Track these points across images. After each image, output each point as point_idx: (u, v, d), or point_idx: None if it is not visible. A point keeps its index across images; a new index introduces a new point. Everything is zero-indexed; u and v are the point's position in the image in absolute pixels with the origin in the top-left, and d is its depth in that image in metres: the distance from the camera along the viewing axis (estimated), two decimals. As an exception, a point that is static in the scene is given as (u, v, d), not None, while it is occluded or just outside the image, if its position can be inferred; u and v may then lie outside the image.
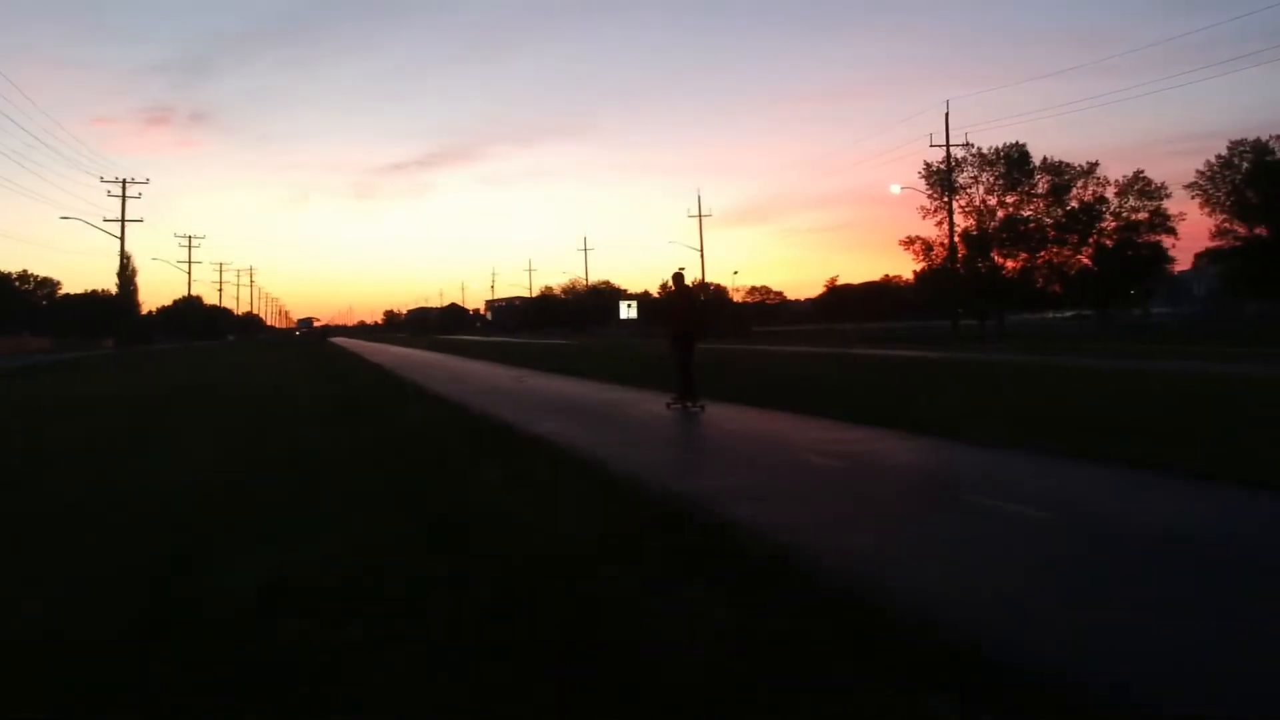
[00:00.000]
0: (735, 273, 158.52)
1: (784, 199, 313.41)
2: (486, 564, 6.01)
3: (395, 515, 7.63)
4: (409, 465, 10.24)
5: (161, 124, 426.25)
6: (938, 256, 78.13)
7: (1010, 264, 77.87)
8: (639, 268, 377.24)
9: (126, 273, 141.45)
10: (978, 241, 76.97)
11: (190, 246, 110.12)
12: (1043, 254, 77.24)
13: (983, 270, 76.71)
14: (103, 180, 70.63)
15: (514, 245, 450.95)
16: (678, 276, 17.23)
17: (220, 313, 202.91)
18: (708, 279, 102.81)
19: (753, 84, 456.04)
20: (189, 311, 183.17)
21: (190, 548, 6.70)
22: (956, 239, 74.83)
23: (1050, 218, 77.02)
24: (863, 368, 28.75)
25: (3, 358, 73.63)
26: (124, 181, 72.17)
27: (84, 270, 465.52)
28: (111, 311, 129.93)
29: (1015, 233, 76.54)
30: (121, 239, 71.89)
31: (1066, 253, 77.46)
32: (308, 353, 62.29)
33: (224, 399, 21.93)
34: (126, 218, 75.18)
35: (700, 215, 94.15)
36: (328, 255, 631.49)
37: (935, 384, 20.51)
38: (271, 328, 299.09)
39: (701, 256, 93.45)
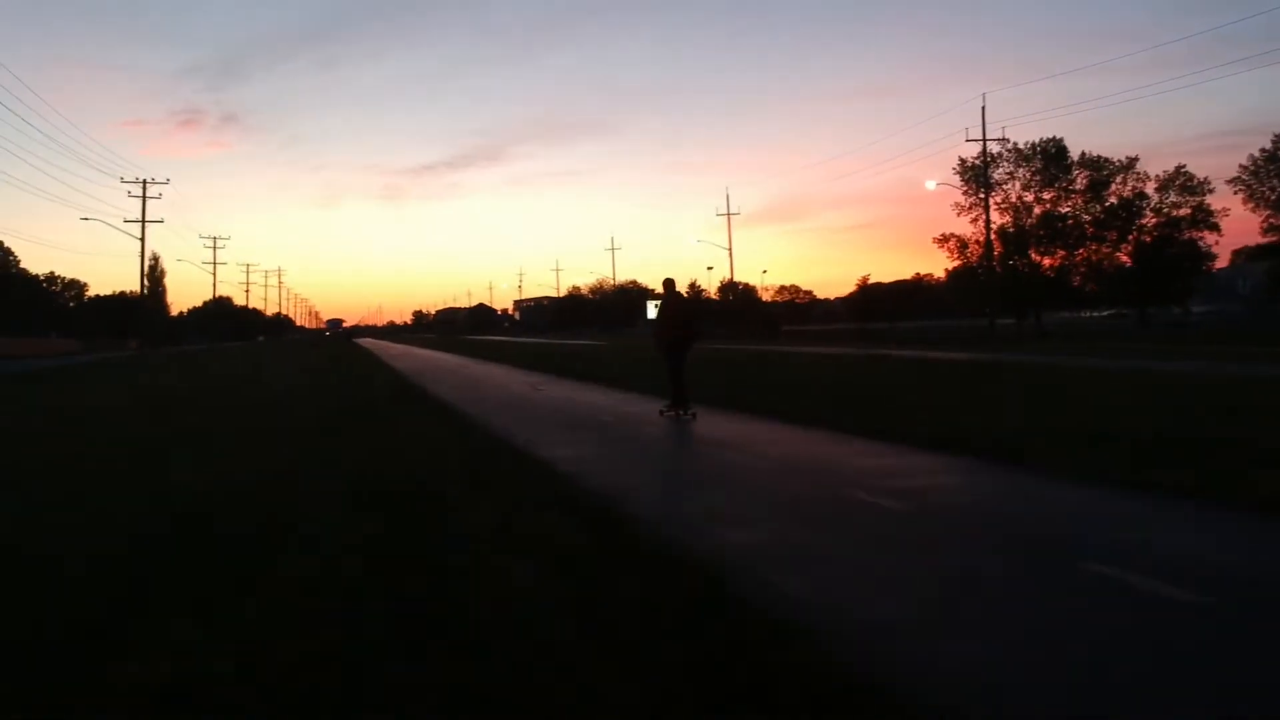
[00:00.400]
0: (764, 272, 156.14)
1: (812, 197, 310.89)
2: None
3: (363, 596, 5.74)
4: (388, 518, 8.35)
5: (193, 126, 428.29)
6: (973, 254, 75.80)
7: (1047, 262, 75.40)
8: (667, 267, 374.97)
9: (155, 274, 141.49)
10: (1015, 239, 74.50)
11: (215, 247, 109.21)
12: (1080, 251, 74.71)
13: (1020, 268, 74.25)
14: (123, 181, 69.68)
15: (542, 245, 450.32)
16: (668, 283, 17.15)
17: (250, 314, 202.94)
18: (736, 278, 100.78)
19: (781, 82, 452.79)
20: (218, 312, 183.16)
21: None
22: (993, 236, 72.45)
23: (1089, 214, 74.45)
24: (904, 372, 26.75)
25: (26, 359, 72.85)
26: (144, 182, 70.96)
27: (108, 272, 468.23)
28: (139, 313, 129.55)
29: (1052, 230, 74.00)
30: (142, 240, 70.71)
31: (1105, 250, 74.84)
32: (329, 354, 60.90)
33: (215, 409, 20.22)
34: (150, 219, 74.06)
35: (729, 214, 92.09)
36: (357, 256, 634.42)
37: (992, 392, 18.47)
38: (301, 328, 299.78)
39: (730, 255, 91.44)
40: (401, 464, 10.91)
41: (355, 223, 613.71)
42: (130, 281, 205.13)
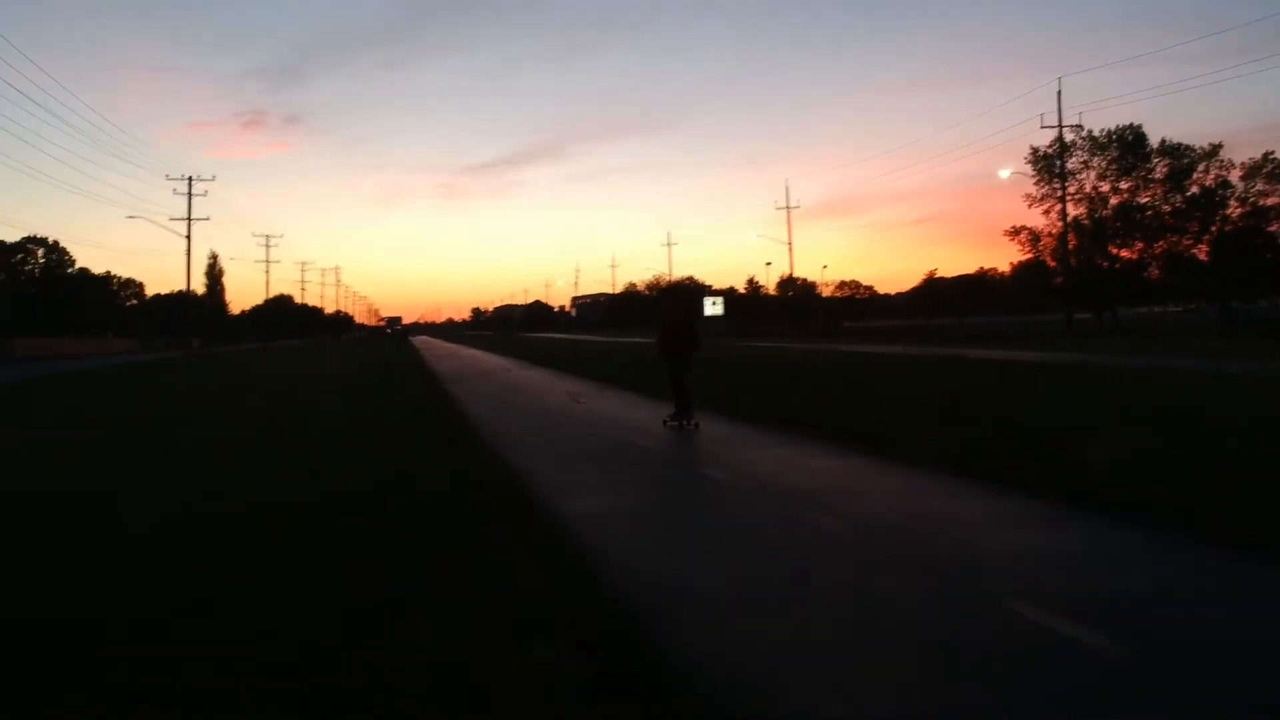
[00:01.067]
0: (824, 267, 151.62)
1: (870, 192, 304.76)
2: None
3: None
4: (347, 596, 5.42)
5: (256, 127, 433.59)
6: (1046, 247, 71.69)
7: (1124, 254, 70.92)
8: (724, 263, 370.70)
9: (214, 272, 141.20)
10: (1093, 231, 70.13)
11: (268, 245, 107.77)
12: (1159, 244, 70.08)
13: (1098, 262, 69.92)
14: (168, 178, 68.00)
15: (599, 241, 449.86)
16: (668, 291, 14.85)
17: (310, 312, 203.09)
18: (795, 274, 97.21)
19: (839, 75, 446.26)
20: (278, 311, 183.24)
21: None
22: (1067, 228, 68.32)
23: (1168, 204, 69.80)
24: (988, 376, 23.33)
25: (84, 359, 71.75)
26: (189, 179, 69.08)
27: (166, 271, 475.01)
28: (199, 311, 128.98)
29: (1129, 221, 69.50)
30: (188, 238, 68.86)
31: (1186, 242, 70.14)
32: (376, 355, 58.70)
33: (218, 422, 17.65)
34: (202, 217, 72.36)
35: (788, 208, 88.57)
36: (417, 254, 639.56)
37: (1117, 406, 14.92)
38: (362, 325, 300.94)
39: (790, 250, 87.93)
40: (363, 528, 7.98)
41: (415, 221, 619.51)
42: (174, 281, 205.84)
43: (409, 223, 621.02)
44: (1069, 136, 68.96)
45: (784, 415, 15.81)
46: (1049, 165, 69.98)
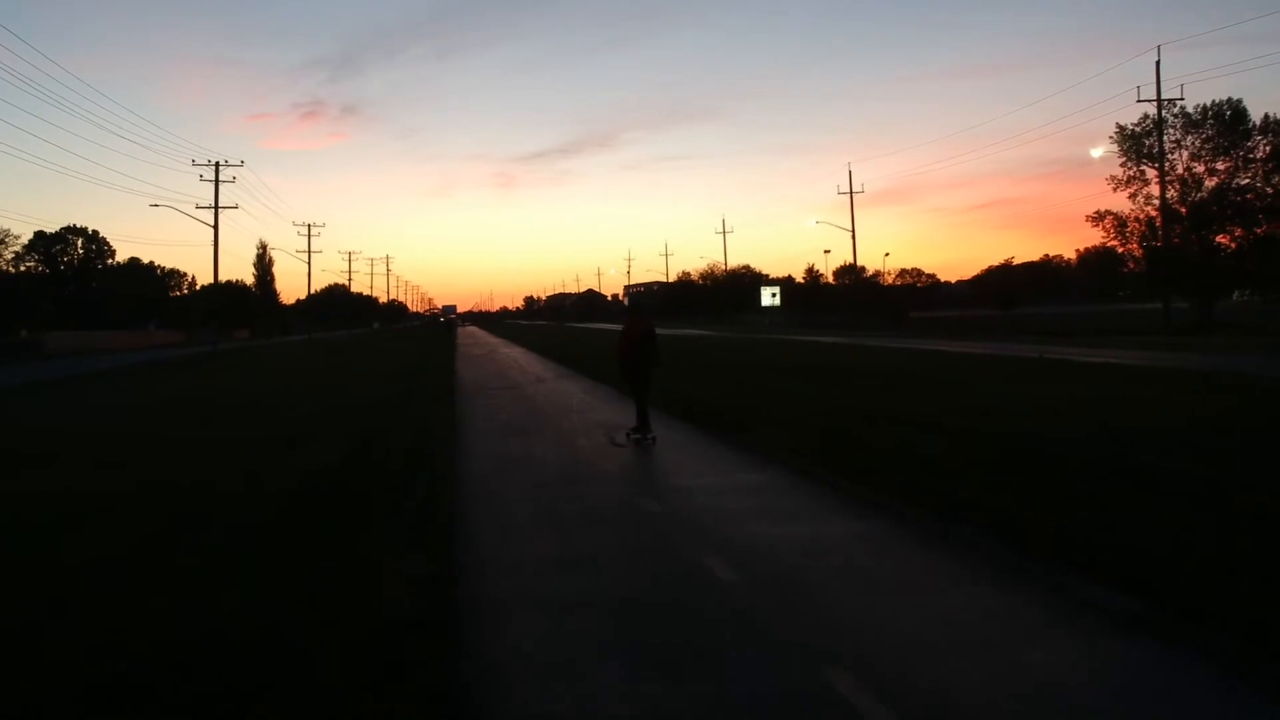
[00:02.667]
0: (886, 255, 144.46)
1: (927, 179, 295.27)
2: None
3: None
4: None
5: (314, 118, 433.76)
6: (1134, 233, 65.26)
7: (1221, 240, 64.23)
8: (779, 251, 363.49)
9: (263, 262, 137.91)
10: (1193, 216, 63.47)
11: (309, 235, 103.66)
12: (1260, 228, 63.24)
13: (1194, 247, 63.33)
14: (194, 163, 63.76)
15: (652, 230, 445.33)
16: (633, 302, 17.04)
17: (364, 301, 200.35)
18: (858, 261, 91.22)
19: (893, 60, 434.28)
20: (330, 301, 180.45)
21: None
22: (1155, 210, 61.88)
23: (1270, 186, 62.92)
24: (1105, 390, 17.54)
25: (122, 353, 68.29)
26: (216, 165, 64.78)
27: (206, 263, 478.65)
28: (247, 302, 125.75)
29: (1227, 204, 62.79)
30: (215, 227, 64.66)
31: (1291, 227, 63.20)
32: (408, 351, 54.14)
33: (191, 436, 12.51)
34: (231, 205, 68.30)
35: (851, 192, 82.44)
36: (471, 242, 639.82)
37: None
38: (416, 314, 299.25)
39: (853, 236, 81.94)
40: None
41: (469, 210, 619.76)
42: (236, 272, 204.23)
43: (463, 211, 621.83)
44: (1155, 112, 62.36)
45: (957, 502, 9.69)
46: (1137, 145, 63.47)
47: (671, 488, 11.45)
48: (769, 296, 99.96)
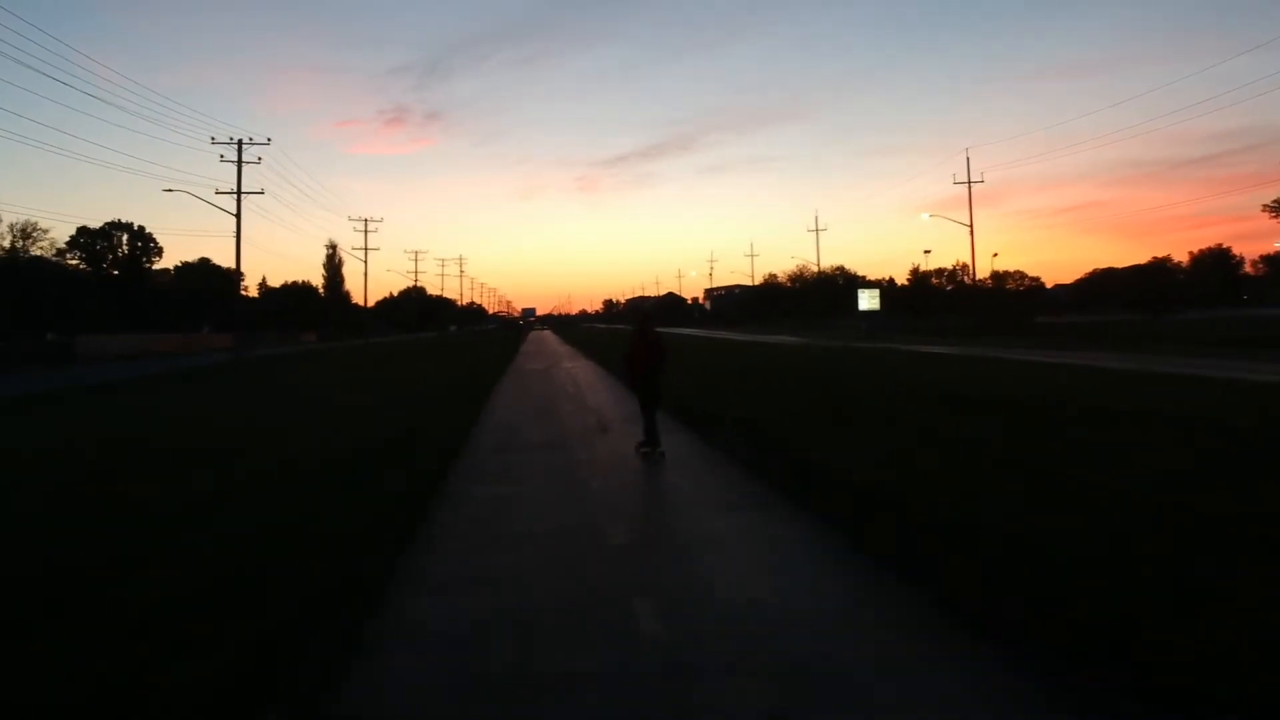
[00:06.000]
0: (995, 255, 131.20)
1: (1016, 179, 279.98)
2: None
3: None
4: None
5: (399, 124, 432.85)
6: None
7: None
8: (864, 255, 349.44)
9: (333, 263, 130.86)
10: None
11: (366, 232, 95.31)
12: None
13: None
14: (213, 142, 55.20)
15: (735, 232, 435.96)
16: (643, 314, 15.50)
17: (441, 303, 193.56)
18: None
19: (980, 59, 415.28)
20: (406, 304, 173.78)
21: None
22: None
23: None
24: None
25: (175, 357, 61.05)
26: (239, 142, 56.32)
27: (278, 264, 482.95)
28: (311, 304, 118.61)
29: None
30: (238, 216, 56.42)
31: None
32: (471, 358, 45.35)
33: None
34: (257, 190, 60.16)
35: (969, 181, 71.27)
36: (552, 246, 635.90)
37: None
38: (496, 315, 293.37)
39: (970, 233, 70.95)
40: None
41: (550, 214, 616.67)
42: (305, 274, 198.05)
43: (545, 215, 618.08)
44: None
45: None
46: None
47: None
48: (867, 299, 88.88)
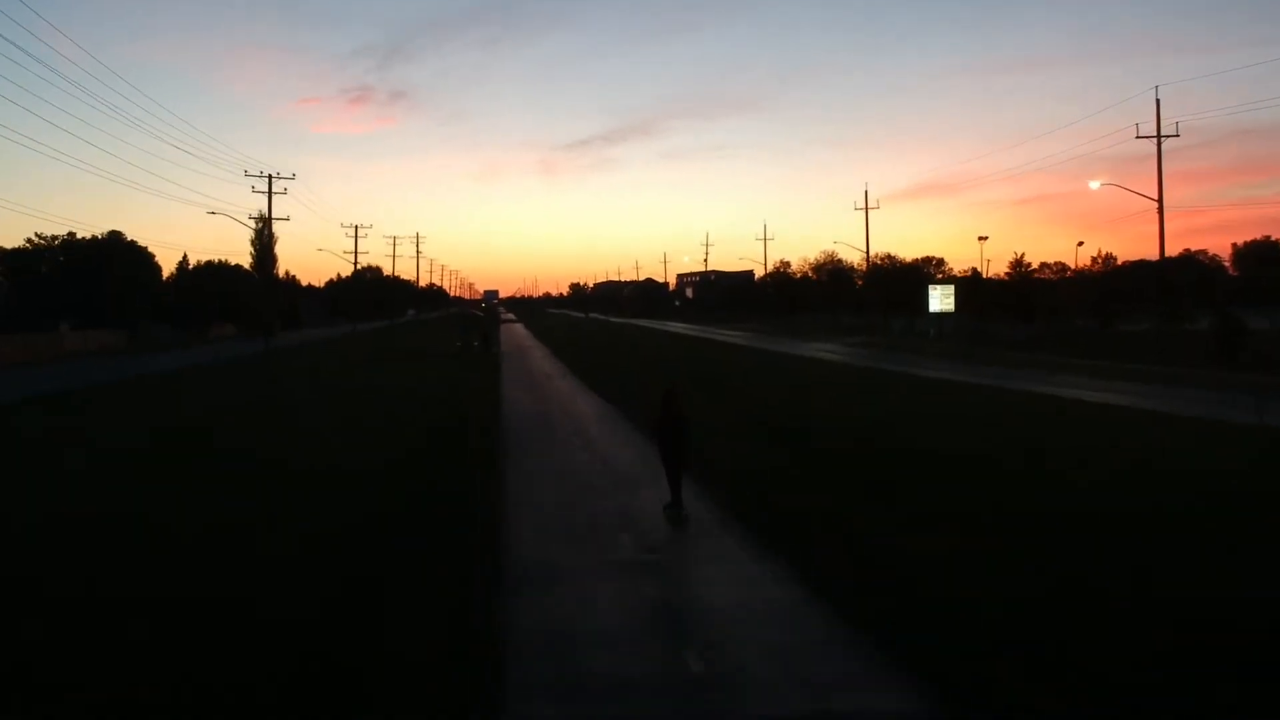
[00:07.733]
0: (982, 238, 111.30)
1: (969, 173, 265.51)
2: None
3: None
4: None
5: (362, 103, 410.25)
6: None
7: None
8: (819, 246, 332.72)
9: (262, 239, 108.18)
10: None
11: (271, 192, 74.34)
12: None
13: None
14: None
15: (692, 219, 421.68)
16: (669, 391, 15.71)
17: (397, 286, 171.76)
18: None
19: (941, 55, 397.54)
20: (358, 286, 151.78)
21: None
22: None
23: None
24: None
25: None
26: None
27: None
28: (241, 288, 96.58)
29: None
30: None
31: None
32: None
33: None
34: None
35: (1159, 134, 52.01)
36: (514, 229, 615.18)
37: None
38: (458, 299, 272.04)
39: (1160, 203, 51.85)
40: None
41: (512, 196, 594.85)
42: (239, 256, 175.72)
43: (507, 198, 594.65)
44: None
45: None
46: None
47: None
48: (939, 299, 69.72)
